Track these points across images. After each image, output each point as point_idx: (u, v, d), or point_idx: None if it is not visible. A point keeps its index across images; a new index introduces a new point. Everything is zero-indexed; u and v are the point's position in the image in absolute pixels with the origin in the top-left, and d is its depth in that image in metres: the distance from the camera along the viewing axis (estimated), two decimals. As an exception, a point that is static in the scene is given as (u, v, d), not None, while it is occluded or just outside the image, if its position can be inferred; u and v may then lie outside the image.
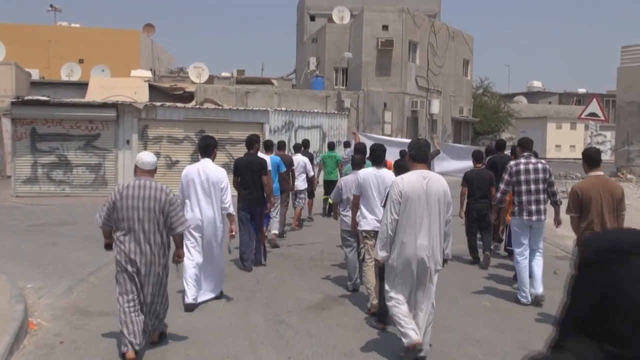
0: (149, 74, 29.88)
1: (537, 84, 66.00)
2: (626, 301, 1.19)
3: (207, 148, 7.20)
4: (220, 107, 20.18)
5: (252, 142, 9.32)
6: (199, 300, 7.08)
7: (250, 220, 8.98)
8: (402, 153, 13.46)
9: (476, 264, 9.70)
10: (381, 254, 5.26)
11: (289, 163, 11.95)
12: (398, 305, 5.24)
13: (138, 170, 5.50)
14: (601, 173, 6.33)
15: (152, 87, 24.29)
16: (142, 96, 22.35)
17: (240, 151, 18.87)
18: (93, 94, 21.93)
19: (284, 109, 21.29)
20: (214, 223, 7.11)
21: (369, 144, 9.06)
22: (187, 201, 7.13)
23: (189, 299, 6.93)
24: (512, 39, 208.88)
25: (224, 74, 40.28)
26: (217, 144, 7.40)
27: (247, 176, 9.03)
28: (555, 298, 7.68)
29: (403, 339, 5.19)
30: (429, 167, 5.43)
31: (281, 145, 12.32)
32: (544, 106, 59.01)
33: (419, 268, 5.17)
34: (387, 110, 26.92)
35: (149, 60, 39.24)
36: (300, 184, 12.99)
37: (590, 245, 1.33)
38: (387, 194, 5.49)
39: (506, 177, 7.58)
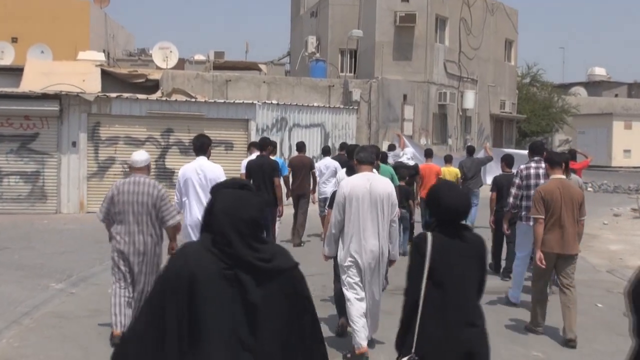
0: (101, 56, 30.00)
1: (599, 72, 66.22)
2: (216, 208, 3.02)
3: (202, 146, 8.96)
4: (193, 100, 20.24)
5: (265, 145, 12.12)
6: None
7: None
8: (446, 158, 16.57)
9: (497, 273, 11.35)
10: (326, 250, 7.23)
11: (310, 166, 14.04)
12: (352, 304, 6.92)
13: (132, 169, 7.51)
14: (562, 176, 8.13)
15: (105, 74, 24.35)
16: (92, 85, 22.42)
17: (218, 155, 18.96)
18: (30, 82, 21.99)
19: (275, 102, 21.38)
20: None
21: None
22: (185, 200, 8.79)
23: None
24: (569, 15, 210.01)
25: (197, 57, 40.41)
26: (211, 142, 9.27)
27: (258, 178, 11.47)
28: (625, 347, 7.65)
29: (354, 340, 6.92)
30: (377, 169, 7.84)
31: (301, 146, 14.82)
32: (608, 100, 59.19)
33: (367, 264, 6.84)
34: (407, 104, 27.01)
35: (102, 39, 39.41)
36: (330, 189, 14.03)
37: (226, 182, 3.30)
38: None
39: (517, 180, 9.50)
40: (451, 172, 15.70)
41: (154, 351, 2.86)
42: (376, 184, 6.84)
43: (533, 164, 9.51)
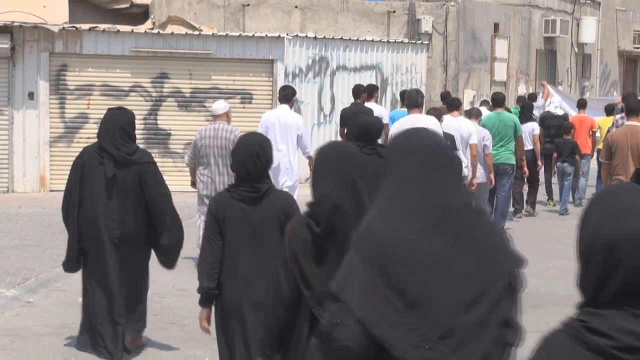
0: (69, -27, 30.10)
1: None
2: (102, 121, 9.13)
3: (287, 97, 13.12)
4: (197, 33, 20.16)
5: (358, 92, 15.45)
6: None
7: None
8: (607, 108, 19.36)
9: None
10: None
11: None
12: None
13: (213, 117, 12.02)
14: (636, 123, 10.92)
15: (74, -2, 24.44)
16: (56, 13, 22.46)
17: (232, 110, 18.86)
18: (-30, 11, 22.15)
19: (311, 35, 21.24)
20: (289, 166, 12.80)
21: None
22: None
23: None
24: None
25: (202, -26, 40.43)
26: (295, 92, 13.73)
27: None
28: None
29: None
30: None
31: (445, 96, 17.35)
32: None
33: None
34: (499, 37, 26.70)
35: (70, -50, 39.56)
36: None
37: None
38: None
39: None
40: (609, 124, 17.59)
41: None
42: (420, 125, 9.28)
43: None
